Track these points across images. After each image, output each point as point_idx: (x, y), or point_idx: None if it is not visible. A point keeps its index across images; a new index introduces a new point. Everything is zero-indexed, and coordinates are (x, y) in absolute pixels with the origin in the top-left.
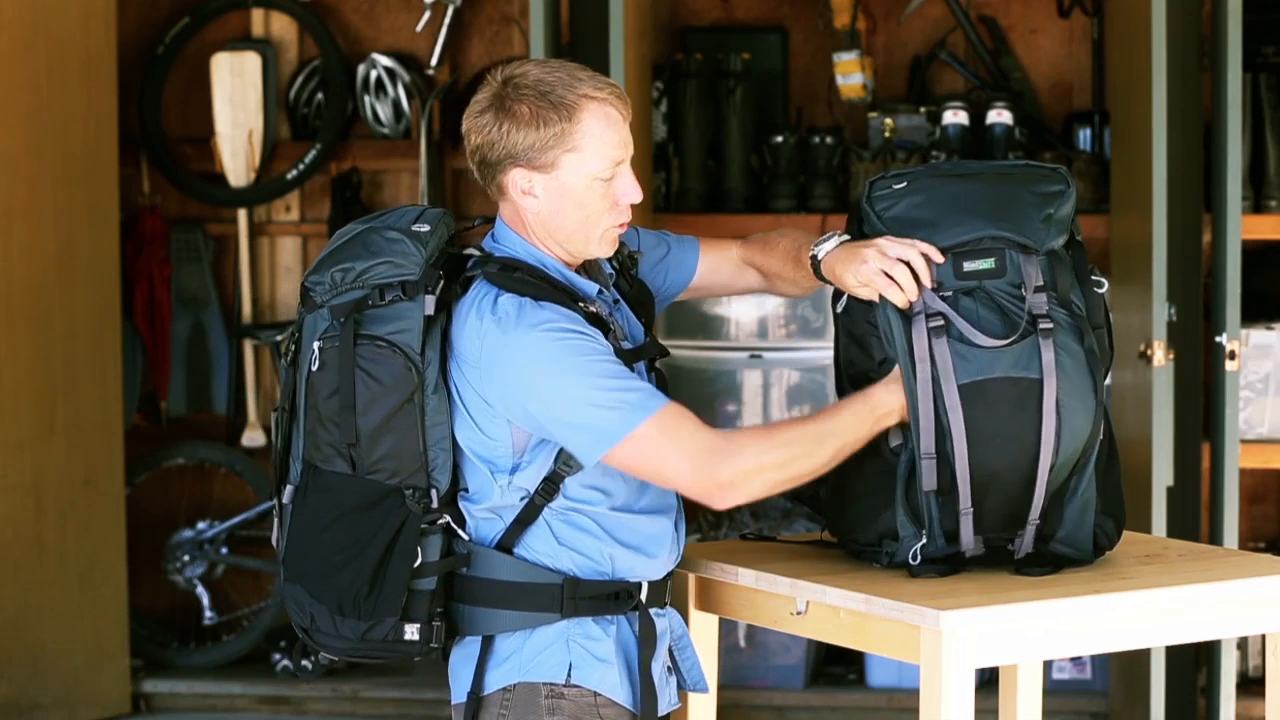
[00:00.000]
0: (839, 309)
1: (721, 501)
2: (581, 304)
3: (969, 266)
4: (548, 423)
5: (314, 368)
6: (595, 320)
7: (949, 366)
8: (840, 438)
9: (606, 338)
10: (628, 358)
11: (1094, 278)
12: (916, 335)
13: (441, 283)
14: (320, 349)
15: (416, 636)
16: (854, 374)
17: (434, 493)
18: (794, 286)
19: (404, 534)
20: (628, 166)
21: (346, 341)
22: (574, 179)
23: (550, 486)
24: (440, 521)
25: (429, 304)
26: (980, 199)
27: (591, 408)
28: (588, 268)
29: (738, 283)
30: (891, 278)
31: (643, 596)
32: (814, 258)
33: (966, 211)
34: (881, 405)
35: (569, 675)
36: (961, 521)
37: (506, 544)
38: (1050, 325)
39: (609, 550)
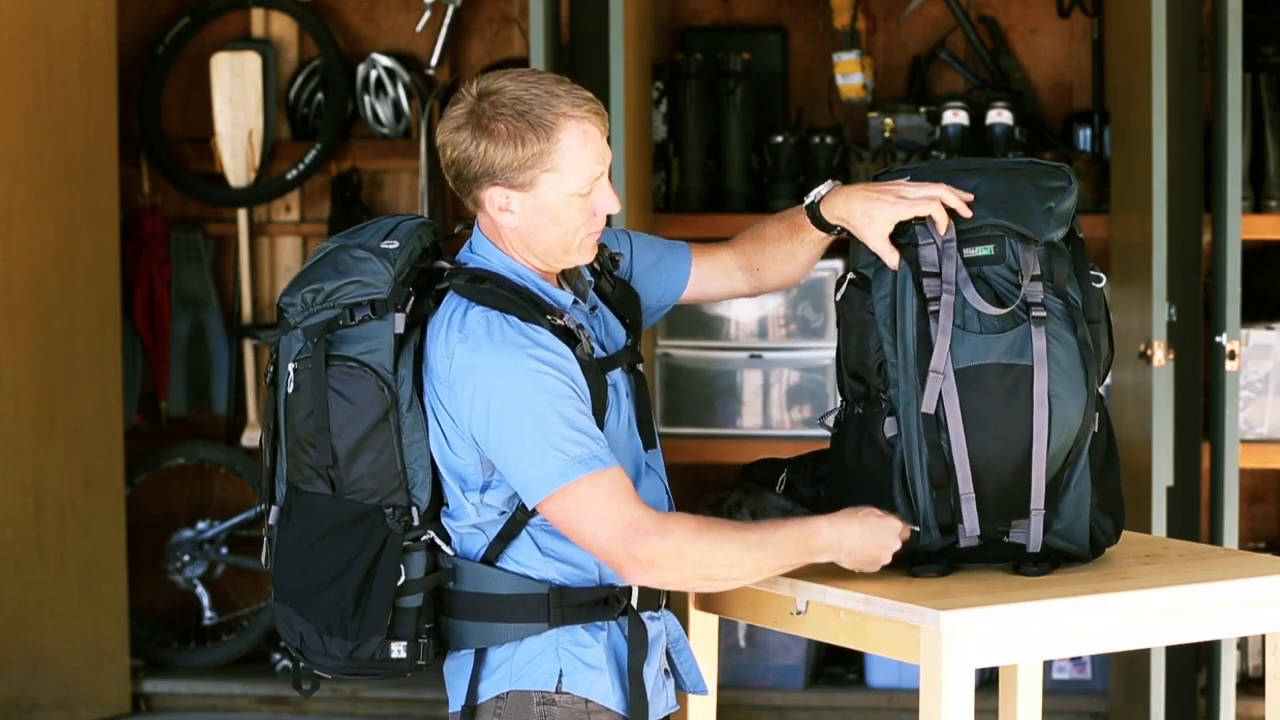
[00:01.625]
0: (839, 297)
1: (634, 577)
2: (550, 317)
3: (969, 252)
4: (496, 452)
5: (290, 390)
6: (563, 334)
7: (946, 345)
8: (770, 555)
9: (574, 351)
10: (601, 365)
11: (1093, 273)
12: (946, 271)
13: (411, 299)
14: (295, 371)
15: (404, 654)
16: (852, 366)
17: (415, 510)
18: (792, 262)
19: (386, 552)
20: (605, 179)
21: (318, 363)
22: (552, 197)
23: None
24: (424, 538)
25: (399, 322)
26: (982, 189)
27: (536, 447)
28: (565, 275)
29: (728, 289)
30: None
31: (633, 600)
32: (813, 205)
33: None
34: (819, 539)
35: (559, 683)
36: (964, 506)
37: (491, 557)
38: (1043, 313)
39: (595, 557)
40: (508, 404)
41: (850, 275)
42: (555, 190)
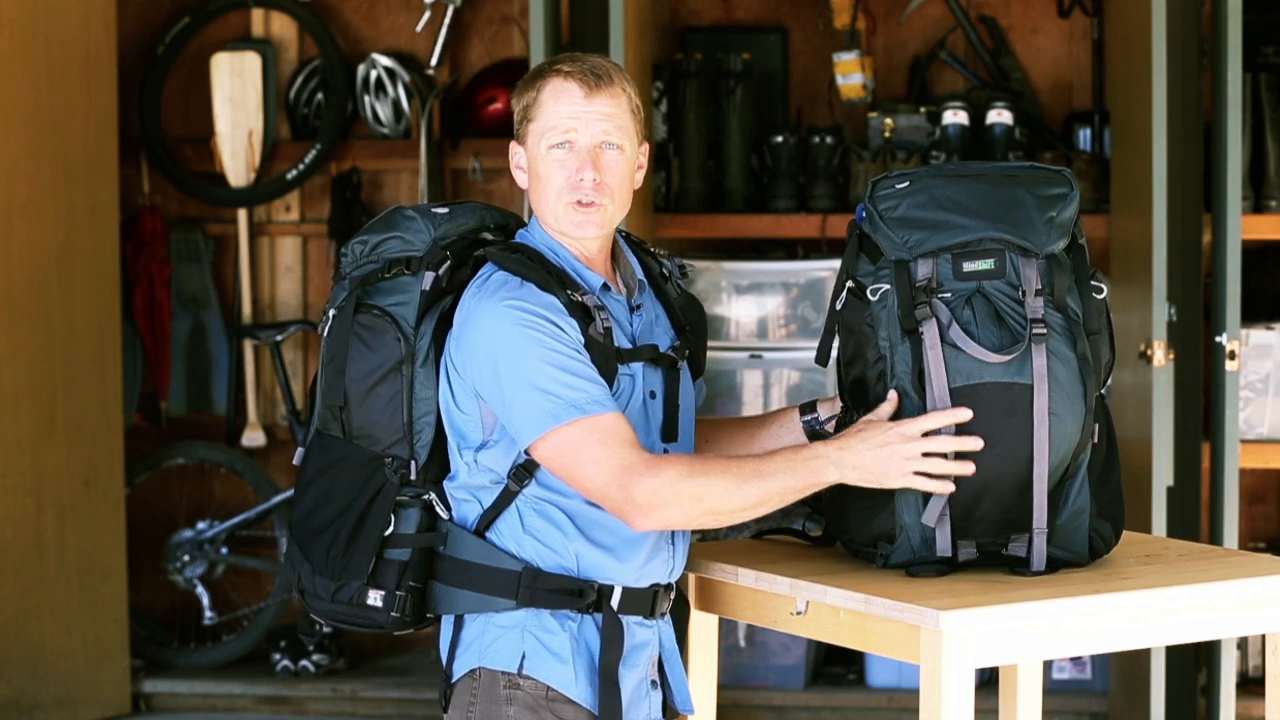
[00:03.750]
0: (838, 305)
1: (635, 521)
2: (569, 292)
3: (968, 267)
4: (493, 396)
5: (325, 334)
6: (579, 310)
7: (943, 376)
8: (769, 482)
9: (587, 329)
10: (620, 355)
11: (1093, 283)
12: (929, 352)
13: (449, 263)
14: (332, 317)
15: (379, 604)
16: (853, 373)
17: (413, 465)
18: (744, 449)
19: (379, 501)
20: (586, 146)
21: (347, 308)
22: (534, 149)
23: (524, 473)
24: (424, 497)
25: (428, 280)
26: (982, 200)
27: (531, 391)
28: (619, 268)
29: None
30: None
31: (614, 601)
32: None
33: (968, 212)
34: (816, 457)
35: (521, 665)
36: (939, 527)
37: (481, 528)
38: (1043, 330)
39: (575, 546)
40: (504, 349)
41: (849, 284)
42: (535, 142)
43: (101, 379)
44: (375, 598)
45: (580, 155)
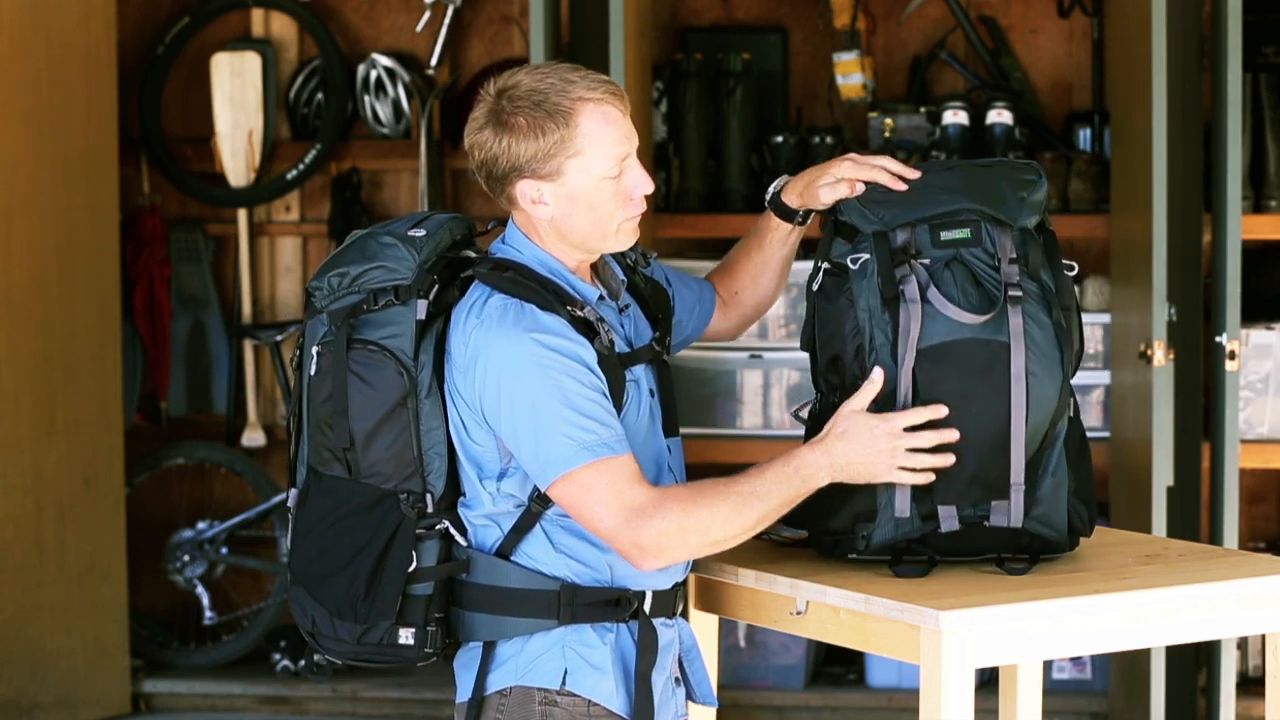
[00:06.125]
0: (814, 287)
1: (645, 564)
2: (570, 308)
3: (946, 235)
4: (506, 434)
5: (312, 373)
6: (582, 325)
7: (917, 329)
8: (765, 501)
9: (592, 343)
10: (622, 360)
11: (1064, 262)
12: (906, 293)
13: (436, 287)
14: (318, 354)
15: (411, 641)
16: (831, 351)
17: (429, 497)
18: (766, 272)
19: (399, 538)
20: (634, 160)
21: (340, 346)
22: (581, 182)
23: (546, 495)
24: (439, 527)
25: (421, 308)
26: (956, 180)
27: (544, 433)
28: (599, 273)
29: (716, 329)
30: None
31: (645, 605)
32: (774, 196)
33: (944, 189)
34: (806, 465)
35: (564, 681)
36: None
37: (505, 551)
38: (1019, 294)
39: (608, 558)
40: (518, 389)
41: (825, 265)
42: (583, 175)
43: (101, 379)
44: (407, 636)
45: (636, 173)
